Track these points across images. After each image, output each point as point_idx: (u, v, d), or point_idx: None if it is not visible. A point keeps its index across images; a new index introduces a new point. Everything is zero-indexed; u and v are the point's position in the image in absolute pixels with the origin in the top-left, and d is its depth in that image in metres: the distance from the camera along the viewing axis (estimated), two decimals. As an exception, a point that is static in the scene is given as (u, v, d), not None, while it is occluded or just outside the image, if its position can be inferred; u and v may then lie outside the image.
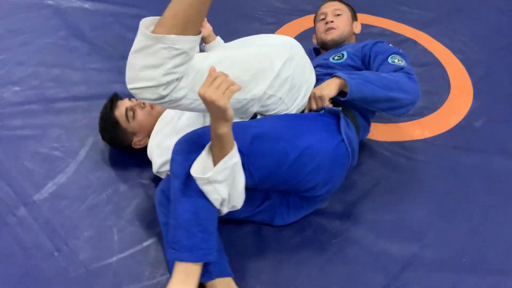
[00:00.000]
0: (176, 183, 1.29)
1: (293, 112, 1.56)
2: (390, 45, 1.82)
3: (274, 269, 1.48)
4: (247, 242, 1.56)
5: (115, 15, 2.60)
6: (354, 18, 2.03)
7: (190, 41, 1.18)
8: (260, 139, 1.37)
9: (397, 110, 1.65)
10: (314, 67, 1.79)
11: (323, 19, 1.99)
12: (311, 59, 1.90)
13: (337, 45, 1.95)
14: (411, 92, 1.62)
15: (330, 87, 1.61)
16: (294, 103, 1.54)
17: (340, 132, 1.52)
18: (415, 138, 2.02)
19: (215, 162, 1.25)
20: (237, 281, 1.40)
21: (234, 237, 1.56)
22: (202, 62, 1.30)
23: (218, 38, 1.96)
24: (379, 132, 2.02)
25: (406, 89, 1.61)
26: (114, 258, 1.46)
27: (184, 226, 1.27)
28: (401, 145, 1.97)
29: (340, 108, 1.58)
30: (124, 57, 1.24)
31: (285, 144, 1.40)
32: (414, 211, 1.69)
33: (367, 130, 1.79)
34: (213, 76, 1.17)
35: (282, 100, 1.50)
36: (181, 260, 1.27)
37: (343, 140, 1.51)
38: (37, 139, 1.83)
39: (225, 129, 1.21)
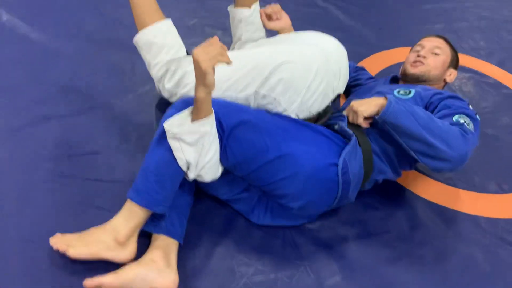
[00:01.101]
0: (157, 132, 1.41)
1: (292, 115, 1.51)
2: (469, 106, 1.61)
3: (223, 255, 1.50)
4: (217, 224, 1.59)
5: None
6: (453, 65, 1.83)
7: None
8: (246, 126, 1.39)
9: (430, 160, 1.47)
10: (376, 93, 1.68)
11: (418, 50, 1.84)
12: (385, 85, 1.79)
13: (416, 81, 1.78)
14: (454, 148, 1.43)
15: (369, 105, 1.52)
16: (292, 106, 1.50)
17: (340, 156, 1.43)
18: (468, 212, 1.73)
19: None
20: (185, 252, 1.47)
21: (208, 216, 1.60)
22: None
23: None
24: (431, 189, 1.79)
25: (450, 143, 1.43)
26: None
27: (144, 170, 1.38)
28: (444, 211, 1.72)
29: (353, 133, 1.47)
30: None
31: (269, 142, 1.39)
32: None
33: (385, 173, 1.61)
34: (211, 42, 1.25)
35: (277, 101, 1.48)
36: (129, 197, 1.38)
37: (336, 165, 1.42)
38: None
39: (202, 94, 1.27)
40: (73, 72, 2.07)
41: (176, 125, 1.32)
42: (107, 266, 1.37)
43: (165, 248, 1.42)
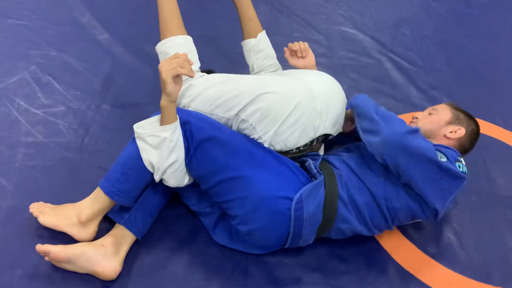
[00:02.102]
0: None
1: (265, 144, 1.54)
2: (461, 158, 1.60)
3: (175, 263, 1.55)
4: (182, 232, 1.64)
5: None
6: (457, 122, 1.74)
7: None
8: (215, 142, 1.45)
9: (367, 135, 1.54)
10: None
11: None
12: None
13: None
14: (390, 125, 1.49)
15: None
16: (267, 135, 1.52)
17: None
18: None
19: None
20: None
21: (176, 222, 1.66)
22: (210, 79, 1.61)
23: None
24: (408, 255, 1.69)
25: (390, 122, 1.50)
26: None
27: (116, 162, 1.49)
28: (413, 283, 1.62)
29: (321, 173, 1.51)
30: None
31: (231, 162, 1.45)
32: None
33: (350, 224, 1.55)
34: (176, 55, 1.38)
35: (253, 127, 1.52)
36: (99, 183, 1.50)
37: (291, 200, 1.43)
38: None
39: (164, 102, 1.38)
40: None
41: (141, 126, 1.42)
42: (70, 240, 1.49)
43: (120, 238, 1.51)
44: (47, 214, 1.52)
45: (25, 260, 1.47)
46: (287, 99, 1.53)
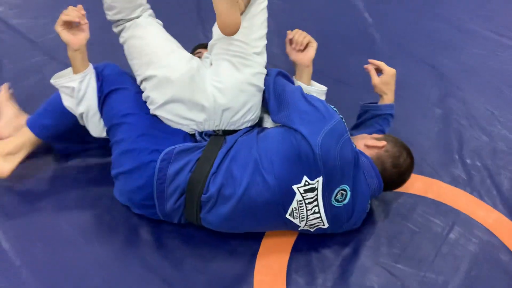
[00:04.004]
0: None
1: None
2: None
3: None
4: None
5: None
6: (384, 138, 1.56)
7: None
8: (119, 94, 1.53)
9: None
10: None
11: None
12: None
13: None
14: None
15: None
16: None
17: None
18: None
19: None
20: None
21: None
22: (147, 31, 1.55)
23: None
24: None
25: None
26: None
27: (47, 100, 1.61)
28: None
29: (202, 141, 1.51)
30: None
31: (124, 111, 1.50)
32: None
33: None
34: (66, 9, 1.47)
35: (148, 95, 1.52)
36: (26, 118, 1.64)
37: (160, 153, 1.42)
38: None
39: (68, 52, 1.49)
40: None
41: (57, 76, 1.54)
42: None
43: (24, 141, 1.59)
44: None
45: None
46: (181, 86, 1.47)
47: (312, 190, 1.39)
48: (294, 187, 1.38)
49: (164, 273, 1.44)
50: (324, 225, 1.45)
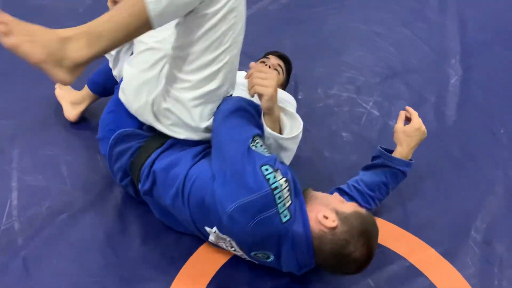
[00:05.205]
0: None
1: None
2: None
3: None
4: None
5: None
6: (341, 217, 1.34)
7: None
8: None
9: None
10: None
11: None
12: None
13: None
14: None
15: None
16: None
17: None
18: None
19: None
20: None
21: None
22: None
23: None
24: None
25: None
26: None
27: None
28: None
29: (148, 134, 1.51)
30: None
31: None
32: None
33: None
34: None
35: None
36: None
37: (114, 131, 1.53)
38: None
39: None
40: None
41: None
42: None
43: (85, 94, 1.88)
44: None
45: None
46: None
47: (224, 238, 1.37)
48: (207, 228, 1.37)
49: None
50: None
